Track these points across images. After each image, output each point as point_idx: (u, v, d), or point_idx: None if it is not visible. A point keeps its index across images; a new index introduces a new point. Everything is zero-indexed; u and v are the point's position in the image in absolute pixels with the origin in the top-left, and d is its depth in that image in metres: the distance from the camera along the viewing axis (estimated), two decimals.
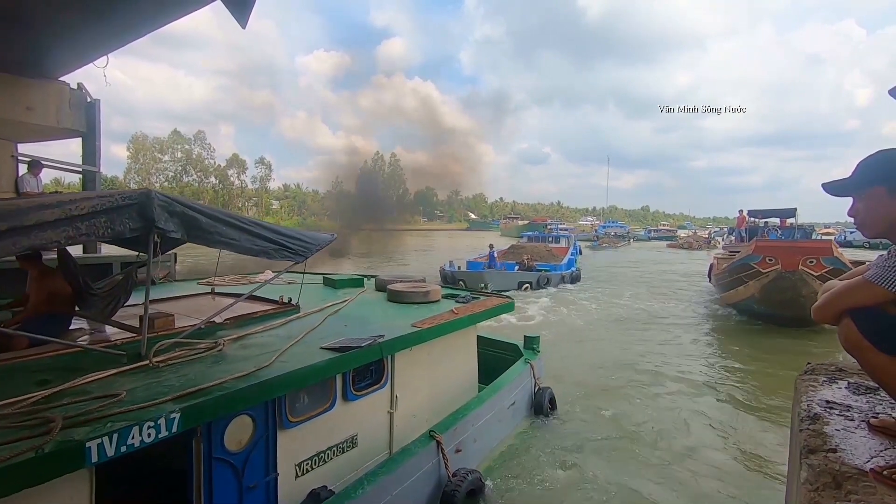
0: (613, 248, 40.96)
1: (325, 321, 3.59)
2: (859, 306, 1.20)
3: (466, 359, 4.51)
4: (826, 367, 1.93)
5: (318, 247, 3.52)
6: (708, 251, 38.04)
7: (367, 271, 21.66)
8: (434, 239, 49.28)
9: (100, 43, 7.02)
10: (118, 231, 2.42)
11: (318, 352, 2.83)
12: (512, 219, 68.24)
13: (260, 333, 3.19)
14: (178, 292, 4.61)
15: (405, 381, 3.64)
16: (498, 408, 4.51)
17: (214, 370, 2.43)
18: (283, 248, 3.23)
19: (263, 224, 3.25)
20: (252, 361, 2.56)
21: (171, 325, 3.08)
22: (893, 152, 1.24)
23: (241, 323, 3.39)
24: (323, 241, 3.65)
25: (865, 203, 1.26)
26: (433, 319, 3.75)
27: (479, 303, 4.55)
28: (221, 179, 67.38)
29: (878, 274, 1.18)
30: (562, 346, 8.92)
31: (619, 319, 11.96)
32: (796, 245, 10.45)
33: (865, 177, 1.24)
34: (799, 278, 9.57)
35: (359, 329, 3.39)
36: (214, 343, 2.78)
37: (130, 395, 2.07)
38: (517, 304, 6.47)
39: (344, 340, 3.01)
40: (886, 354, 1.14)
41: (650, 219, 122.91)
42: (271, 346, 2.86)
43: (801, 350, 8.92)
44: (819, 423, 1.43)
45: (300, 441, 2.85)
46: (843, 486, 1.11)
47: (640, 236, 58.18)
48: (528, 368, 5.34)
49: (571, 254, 20.58)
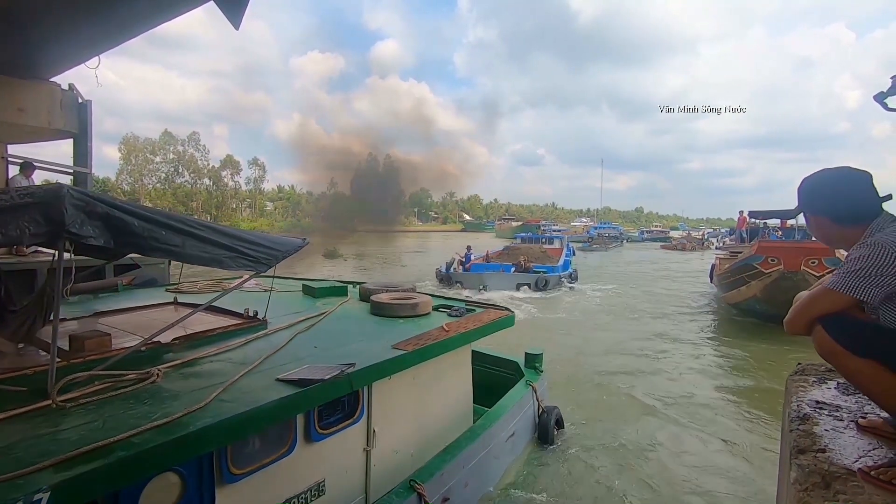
0: (605, 249, 40.84)
1: (293, 340, 3.07)
2: (826, 314, 1.23)
3: (459, 382, 3.94)
4: (816, 368, 1.95)
5: (285, 254, 3.00)
6: (701, 252, 38.25)
7: (360, 272, 21.58)
8: (429, 240, 49.32)
9: (91, 43, 6.98)
10: (12, 237, 1.97)
11: (273, 385, 2.28)
12: (507, 220, 68.30)
13: (212, 357, 2.68)
14: (136, 301, 4.05)
15: (385, 412, 3.09)
16: (494, 442, 3.94)
17: (135, 413, 1.91)
18: (240, 255, 2.72)
19: (217, 227, 2.82)
20: (186, 400, 2.04)
21: (107, 347, 2.54)
22: (806, 182, 1.37)
23: (193, 343, 2.86)
24: (292, 246, 3.11)
25: (815, 225, 1.40)
26: (419, 339, 3.17)
27: (474, 317, 3.94)
28: (215, 180, 67.05)
29: (835, 281, 1.22)
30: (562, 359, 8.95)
31: (618, 322, 12.02)
32: (798, 246, 10.53)
33: (809, 206, 1.38)
34: (801, 279, 9.62)
35: (330, 351, 2.89)
36: (146, 373, 2.27)
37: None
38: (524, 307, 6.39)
39: (304, 370, 2.44)
40: (860, 357, 1.17)
41: (644, 220, 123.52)
42: (219, 376, 2.35)
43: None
44: (809, 424, 1.44)
45: (248, 497, 2.30)
46: (832, 486, 1.13)
47: (635, 238, 58.26)
48: (530, 392, 4.72)
49: (566, 255, 20.63)
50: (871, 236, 1.22)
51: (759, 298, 10.76)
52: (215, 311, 3.45)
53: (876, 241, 1.18)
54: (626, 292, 16.83)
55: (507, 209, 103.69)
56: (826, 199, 1.33)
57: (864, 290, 1.17)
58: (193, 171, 64.89)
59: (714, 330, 11.31)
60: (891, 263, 1.13)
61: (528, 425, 4.73)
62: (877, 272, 1.15)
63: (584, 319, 12.09)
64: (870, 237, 1.22)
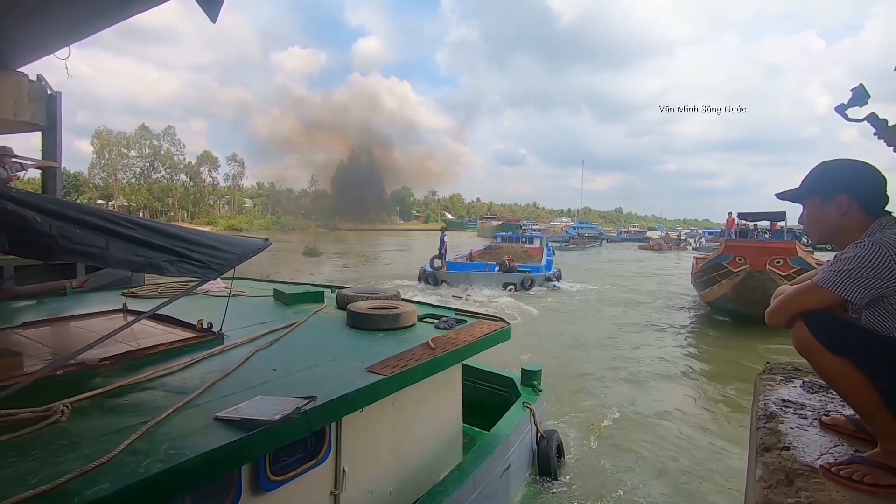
0: (581, 248, 41.11)
1: (250, 359, 2.55)
2: (810, 310, 1.25)
3: (447, 407, 3.47)
4: (783, 367, 2.01)
5: (240, 257, 2.58)
6: (678, 253, 38.83)
7: (342, 271, 21.34)
8: (412, 238, 49.24)
9: (61, 33, 6.74)
10: None
11: (209, 427, 1.77)
12: (488, 219, 68.59)
13: (146, 382, 2.15)
14: (82, 308, 3.50)
15: (358, 446, 2.62)
16: (486, 482, 3.36)
17: (9, 473, 1.42)
18: (183, 259, 2.27)
19: (154, 224, 2.37)
20: (89, 450, 1.55)
21: (18, 369, 2.05)
22: (829, 164, 1.37)
23: (128, 364, 2.31)
24: (249, 248, 2.69)
25: (807, 212, 1.40)
26: (400, 360, 2.65)
27: (465, 329, 3.44)
28: (192, 176, 65.67)
29: (824, 278, 1.23)
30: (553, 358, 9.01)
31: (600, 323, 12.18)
32: (763, 246, 10.96)
33: (806, 188, 1.38)
34: (767, 278, 9.92)
35: (290, 376, 2.38)
36: (46, 410, 1.73)
37: None
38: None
39: (252, 405, 1.90)
40: (835, 355, 1.19)
41: (623, 220, 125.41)
42: (144, 412, 1.83)
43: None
44: (775, 422, 1.48)
45: None
46: (795, 483, 1.16)
47: (614, 238, 58.96)
48: (527, 416, 4.11)
49: (548, 254, 20.75)
50: (870, 235, 1.23)
51: (730, 297, 11.07)
52: (165, 322, 2.97)
53: (874, 241, 1.18)
54: (609, 292, 17.04)
55: (489, 208, 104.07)
56: (854, 179, 1.31)
57: (852, 291, 1.18)
58: (170, 166, 63.48)
59: (691, 331, 11.52)
60: (884, 266, 1.15)
61: (526, 455, 4.14)
62: (868, 274, 1.16)
63: (573, 319, 12.22)
64: (868, 237, 1.23)
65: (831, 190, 1.33)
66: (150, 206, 60.63)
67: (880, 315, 1.20)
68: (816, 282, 1.25)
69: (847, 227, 1.31)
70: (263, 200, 73.46)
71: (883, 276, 1.15)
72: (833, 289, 1.20)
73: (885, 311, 1.19)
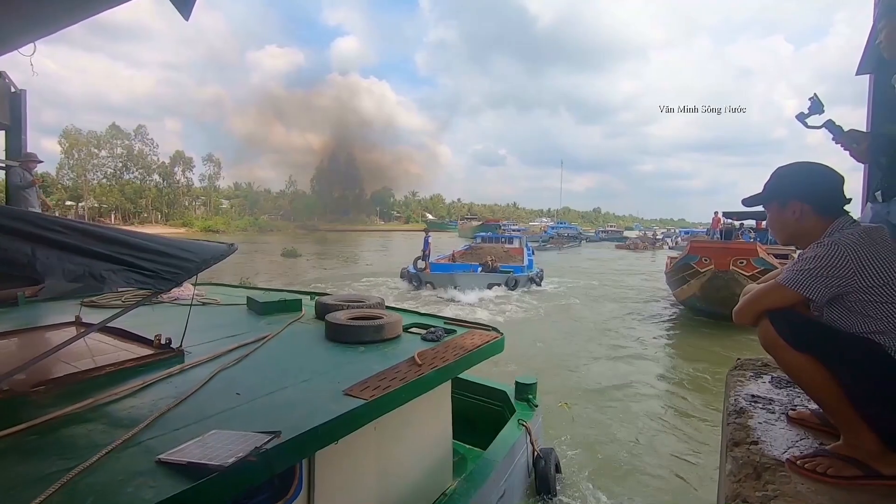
0: (558, 249, 41.24)
1: (212, 380, 2.23)
2: (774, 308, 1.29)
3: (435, 428, 3.15)
4: (753, 363, 2.07)
5: (200, 264, 2.30)
6: (653, 252, 39.14)
7: (322, 273, 21.05)
8: (391, 239, 48.97)
9: (25, 28, 6.46)
10: None
11: (150, 472, 1.45)
12: (469, 220, 68.79)
13: (86, 413, 1.80)
14: (32, 320, 3.19)
15: (334, 479, 2.34)
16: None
17: None
18: (129, 268, 1.96)
19: (93, 229, 2.04)
20: None
21: None
22: (784, 170, 1.43)
23: (69, 389, 1.94)
24: (211, 254, 2.40)
25: (769, 216, 1.46)
26: (382, 379, 2.34)
27: (454, 340, 3.14)
28: (165, 177, 64.08)
29: (787, 277, 1.28)
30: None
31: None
32: (726, 246, 11.20)
33: (766, 194, 1.44)
34: (731, 278, 10.16)
35: (257, 402, 2.03)
36: None
37: None
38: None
39: (204, 443, 1.58)
40: (799, 352, 1.23)
41: (602, 220, 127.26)
42: (74, 454, 1.50)
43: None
44: (744, 417, 1.52)
45: None
46: (763, 477, 1.19)
47: (592, 237, 59.53)
48: (523, 435, 3.76)
49: (528, 254, 20.82)
50: (830, 236, 1.27)
51: (698, 296, 11.32)
52: (122, 336, 2.62)
53: (833, 241, 1.22)
54: (593, 292, 17.22)
55: (469, 209, 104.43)
56: (805, 185, 1.36)
57: (813, 289, 1.22)
58: (142, 166, 61.84)
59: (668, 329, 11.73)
60: (842, 265, 1.19)
61: (522, 479, 3.82)
62: (827, 273, 1.20)
63: (562, 322, 12.11)
64: (828, 237, 1.27)
65: (786, 196, 1.38)
66: (122, 208, 58.94)
67: (840, 312, 1.25)
68: (780, 281, 1.29)
69: (806, 231, 1.36)
70: (241, 201, 72.29)
71: (841, 275, 1.19)
72: (795, 287, 1.24)
73: (844, 308, 1.24)
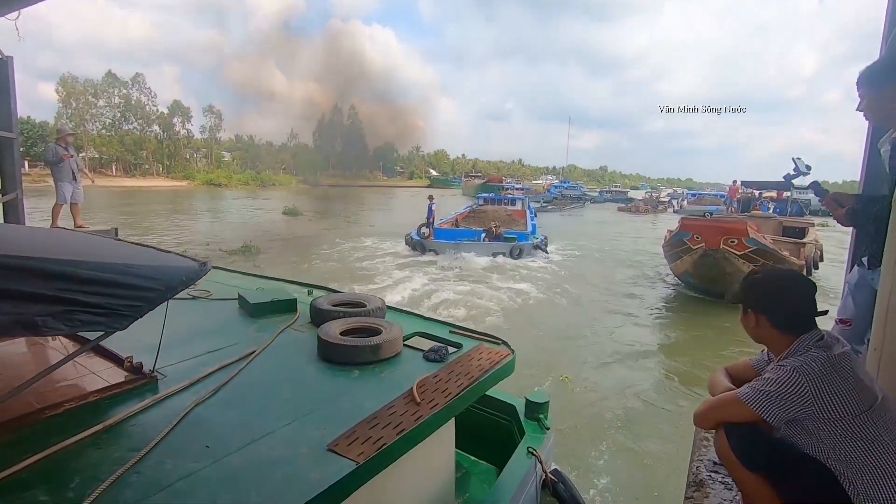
0: (560, 210, 38.63)
1: (182, 422, 1.74)
2: (732, 421, 1.33)
3: (434, 470, 2.75)
4: None
5: (165, 293, 1.77)
6: (654, 215, 36.05)
7: (324, 233, 20.92)
8: (395, 196, 48.09)
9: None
10: None
11: None
12: (473, 177, 67.66)
13: (11, 477, 1.35)
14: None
15: None
16: None
17: None
18: (76, 309, 1.48)
19: (27, 263, 1.47)
20: None
21: None
22: (756, 277, 1.48)
23: (18, 435, 1.53)
24: (178, 278, 1.86)
25: (754, 323, 1.45)
26: (374, 426, 1.89)
27: (458, 362, 2.75)
28: (165, 128, 62.94)
29: (748, 394, 1.30)
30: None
31: None
32: (716, 225, 11.01)
33: (754, 302, 1.44)
34: (722, 257, 10.10)
35: (226, 460, 1.57)
36: None
37: None
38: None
39: None
40: (749, 471, 1.28)
41: (608, 179, 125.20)
42: None
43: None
44: (702, 492, 1.58)
45: None
46: None
47: (597, 198, 56.53)
48: (532, 464, 3.26)
49: (531, 217, 20.28)
50: (794, 356, 1.30)
51: (691, 273, 11.31)
52: (98, 354, 2.20)
53: (794, 367, 1.25)
54: (600, 260, 16.99)
55: (473, 165, 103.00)
56: (772, 301, 1.38)
57: (770, 413, 1.25)
58: (141, 116, 60.63)
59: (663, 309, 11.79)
60: (801, 394, 1.22)
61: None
62: (785, 398, 1.23)
63: (573, 298, 11.70)
64: (792, 356, 1.30)
65: (749, 303, 1.44)
66: (122, 159, 58.34)
67: (796, 433, 1.29)
68: (740, 396, 1.32)
69: (765, 340, 1.41)
70: (242, 154, 71.28)
71: (800, 403, 1.23)
72: (753, 407, 1.28)
73: (801, 430, 1.28)
